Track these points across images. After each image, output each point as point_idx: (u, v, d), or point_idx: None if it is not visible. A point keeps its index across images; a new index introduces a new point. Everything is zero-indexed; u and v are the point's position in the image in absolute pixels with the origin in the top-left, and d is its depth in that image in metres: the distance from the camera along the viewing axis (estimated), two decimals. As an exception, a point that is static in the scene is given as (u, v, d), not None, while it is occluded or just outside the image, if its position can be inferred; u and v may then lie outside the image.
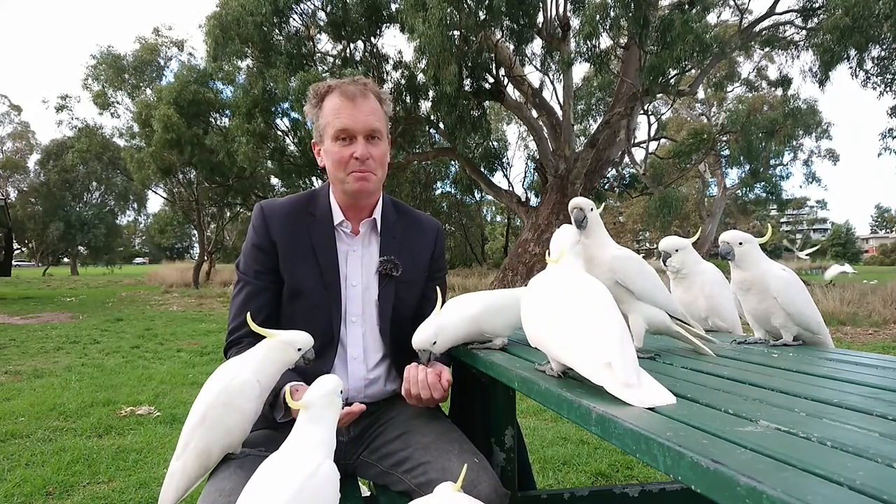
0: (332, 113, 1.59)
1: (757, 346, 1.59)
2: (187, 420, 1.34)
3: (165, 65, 24.99)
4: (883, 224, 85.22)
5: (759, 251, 1.64)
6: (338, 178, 1.63)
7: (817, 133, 21.47)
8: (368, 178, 1.61)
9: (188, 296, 17.62)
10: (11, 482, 2.97)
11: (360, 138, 1.58)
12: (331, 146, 1.61)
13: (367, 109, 1.60)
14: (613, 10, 11.48)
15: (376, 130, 1.60)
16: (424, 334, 1.47)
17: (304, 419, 1.17)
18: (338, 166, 1.61)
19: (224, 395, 1.30)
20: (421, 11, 11.16)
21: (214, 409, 1.30)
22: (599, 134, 13.35)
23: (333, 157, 1.61)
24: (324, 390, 1.19)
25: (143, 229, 56.14)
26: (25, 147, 37.66)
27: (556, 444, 3.61)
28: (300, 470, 1.08)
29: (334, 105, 1.60)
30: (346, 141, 1.59)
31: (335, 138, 1.59)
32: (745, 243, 1.62)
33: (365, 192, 1.63)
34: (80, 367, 6.19)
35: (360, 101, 1.59)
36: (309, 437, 1.15)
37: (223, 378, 1.33)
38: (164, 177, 20.82)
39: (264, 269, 1.64)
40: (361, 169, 1.59)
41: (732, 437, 0.73)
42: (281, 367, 1.38)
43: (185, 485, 1.32)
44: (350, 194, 1.64)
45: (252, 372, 1.33)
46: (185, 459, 1.31)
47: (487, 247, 32.56)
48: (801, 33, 14.37)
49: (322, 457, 1.13)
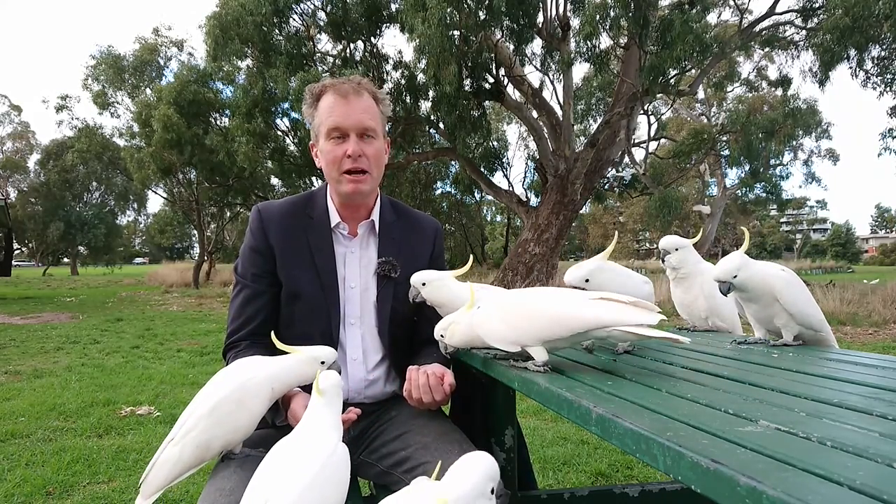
0: (326, 112, 1.60)
1: (757, 346, 1.59)
2: (191, 408, 1.32)
3: (165, 65, 25.02)
4: (883, 224, 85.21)
5: (750, 265, 1.57)
6: (332, 178, 1.63)
7: (817, 133, 21.45)
8: (362, 181, 1.61)
9: (188, 296, 17.62)
10: (11, 482, 2.97)
11: (352, 136, 1.58)
12: (324, 145, 1.61)
13: (360, 107, 1.59)
14: (613, 10, 11.47)
15: (369, 129, 1.60)
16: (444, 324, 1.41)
17: (321, 404, 1.19)
18: (331, 165, 1.61)
19: (238, 392, 1.30)
20: (421, 11, 11.15)
21: (226, 403, 1.30)
22: (599, 134, 13.34)
23: (327, 155, 1.61)
24: (333, 380, 1.22)
25: (143, 229, 56.14)
26: (25, 147, 37.67)
27: (556, 443, 3.61)
28: (321, 448, 1.12)
29: (328, 104, 1.60)
30: (339, 139, 1.59)
31: (328, 136, 1.60)
32: (739, 273, 1.55)
33: (358, 194, 1.62)
34: (80, 367, 6.19)
35: (353, 99, 1.59)
36: (324, 420, 1.18)
37: (240, 375, 1.33)
38: (164, 177, 20.82)
39: (262, 272, 1.64)
40: (354, 168, 1.58)
41: (732, 437, 0.73)
42: (298, 381, 1.39)
43: (177, 472, 1.29)
44: (343, 196, 1.64)
45: (269, 376, 1.34)
46: (183, 446, 1.29)
47: (487, 247, 32.58)
48: (801, 33, 14.36)
49: (337, 438, 1.17)
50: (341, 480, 1.12)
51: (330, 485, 1.09)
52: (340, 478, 1.12)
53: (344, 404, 1.50)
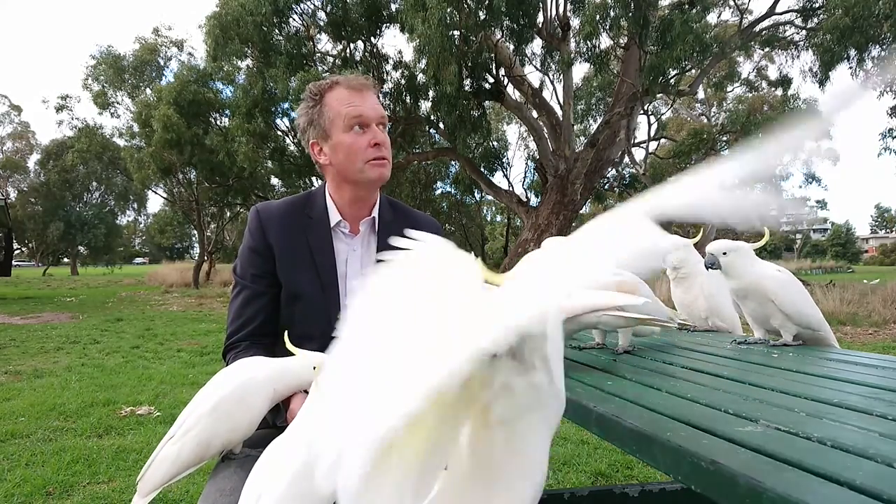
0: (342, 104, 1.58)
1: (757, 346, 1.59)
2: (192, 406, 1.31)
3: (165, 65, 24.99)
4: (883, 224, 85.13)
5: (749, 257, 1.61)
6: (353, 170, 1.60)
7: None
8: (385, 165, 1.62)
9: (188, 296, 17.62)
10: (11, 482, 2.97)
11: (374, 125, 1.59)
12: (344, 137, 1.58)
13: (374, 99, 1.63)
14: (613, 10, 11.48)
15: (385, 118, 1.64)
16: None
17: (315, 399, 1.19)
18: (353, 156, 1.58)
19: (240, 392, 1.30)
20: (421, 11, 11.15)
21: (227, 402, 1.30)
22: (599, 134, 13.35)
23: (348, 147, 1.58)
24: None
25: (143, 229, 56.03)
26: (25, 147, 37.67)
27: (556, 443, 3.61)
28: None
29: (341, 97, 1.59)
30: (361, 130, 1.59)
31: (349, 128, 1.57)
32: (729, 252, 1.60)
33: (383, 179, 1.63)
34: (80, 367, 6.19)
35: (366, 91, 1.62)
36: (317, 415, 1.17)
37: (242, 374, 1.33)
38: (163, 177, 20.82)
39: (261, 273, 1.64)
40: (379, 156, 1.59)
41: (733, 437, 0.73)
42: (299, 384, 1.39)
43: (176, 471, 1.29)
44: (366, 184, 1.63)
45: (271, 377, 1.34)
46: (182, 444, 1.28)
47: (487, 247, 32.55)
48: (801, 33, 14.35)
49: None
50: None
51: None
52: None
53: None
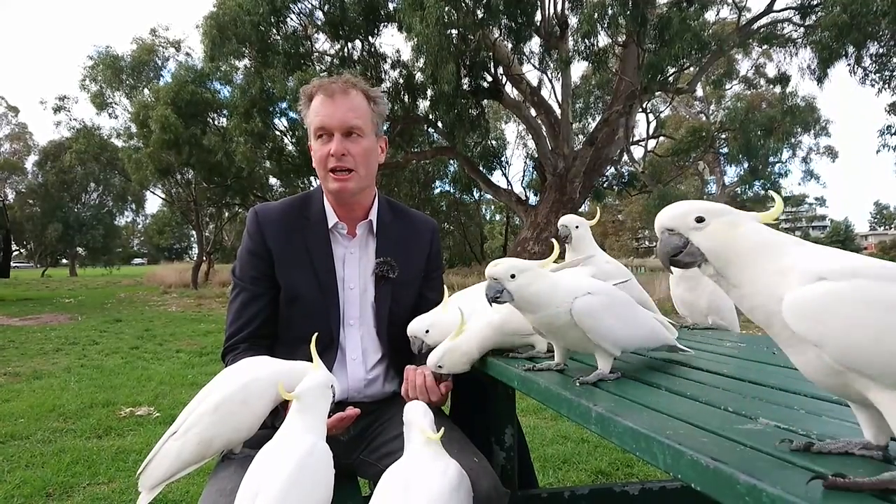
0: (314, 111, 1.62)
1: (750, 345, 1.59)
2: (194, 404, 1.32)
3: (163, 65, 24.89)
4: (882, 221, 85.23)
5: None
6: (321, 177, 1.66)
7: (816, 130, 21.51)
8: (347, 179, 1.61)
9: (187, 296, 17.61)
10: (11, 483, 2.97)
11: (336, 135, 1.59)
12: (314, 144, 1.65)
13: (346, 106, 1.60)
14: (611, 8, 11.48)
15: (355, 127, 1.60)
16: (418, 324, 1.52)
17: (296, 409, 1.21)
18: (318, 164, 1.64)
19: (243, 393, 1.31)
20: (419, 10, 11.14)
21: (230, 402, 1.30)
22: (598, 132, 13.36)
23: (315, 155, 1.65)
24: (314, 383, 1.24)
25: (141, 230, 55.97)
26: (23, 148, 37.65)
27: (556, 442, 3.61)
28: (297, 449, 1.13)
29: (315, 104, 1.62)
30: (325, 138, 1.61)
31: (315, 136, 1.63)
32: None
33: (346, 192, 1.63)
34: (79, 368, 6.18)
35: (339, 98, 1.60)
36: (301, 423, 1.20)
37: (245, 375, 1.34)
38: (162, 177, 20.80)
39: (260, 275, 1.64)
40: (338, 166, 1.59)
41: (732, 435, 0.73)
42: None
43: (177, 468, 1.29)
44: (332, 193, 1.66)
45: (272, 379, 1.34)
46: (184, 442, 1.29)
47: (486, 246, 32.54)
48: (800, 31, 14.36)
49: (315, 438, 1.18)
50: (321, 481, 1.14)
51: (310, 484, 1.11)
52: (320, 478, 1.14)
53: (344, 403, 1.50)
